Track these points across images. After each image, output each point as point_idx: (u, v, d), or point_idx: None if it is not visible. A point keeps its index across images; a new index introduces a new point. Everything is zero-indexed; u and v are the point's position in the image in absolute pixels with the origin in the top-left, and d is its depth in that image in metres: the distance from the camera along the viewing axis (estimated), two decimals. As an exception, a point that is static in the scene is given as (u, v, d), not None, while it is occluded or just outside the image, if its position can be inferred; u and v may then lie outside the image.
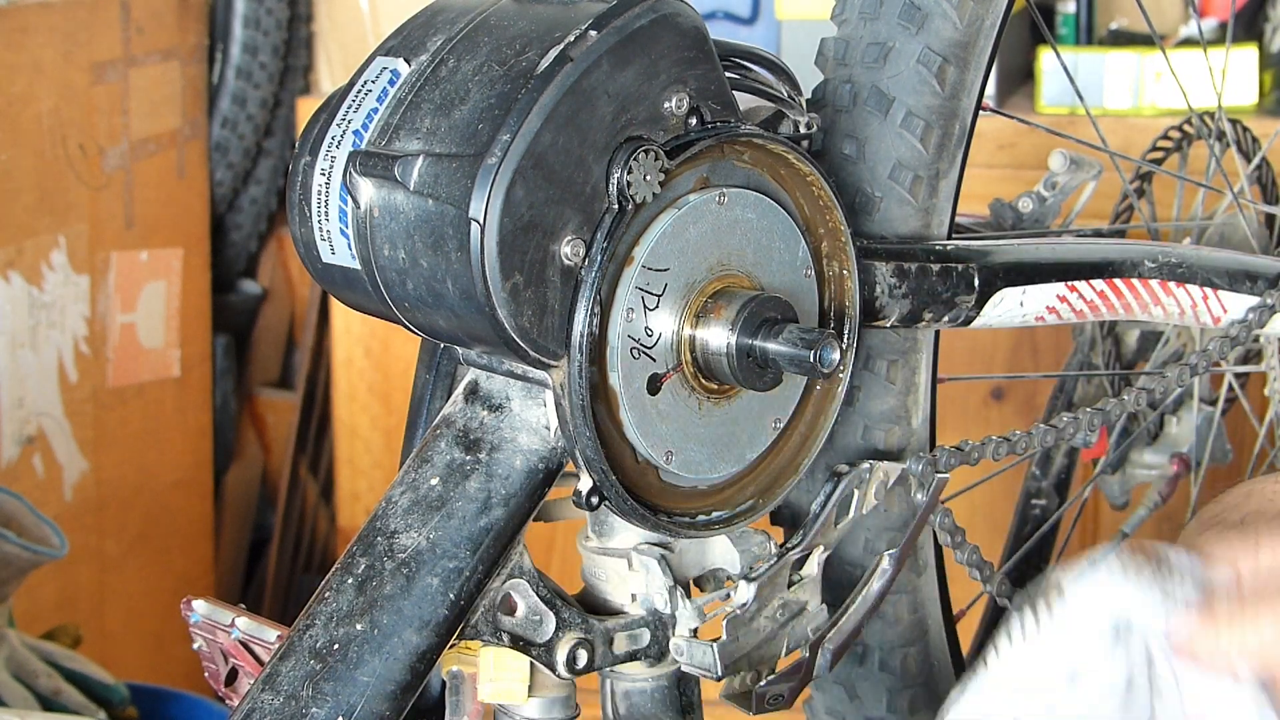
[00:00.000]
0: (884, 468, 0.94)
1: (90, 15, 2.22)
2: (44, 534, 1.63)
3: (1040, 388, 2.09)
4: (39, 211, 2.16)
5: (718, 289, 0.84)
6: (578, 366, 0.79)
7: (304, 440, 2.67)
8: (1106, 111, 2.11)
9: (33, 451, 2.18)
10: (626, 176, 0.78)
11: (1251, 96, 2.12)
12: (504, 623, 0.83)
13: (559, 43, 0.78)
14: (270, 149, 2.60)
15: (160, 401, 2.41)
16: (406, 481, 0.82)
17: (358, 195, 0.80)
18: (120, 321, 2.33)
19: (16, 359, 2.13)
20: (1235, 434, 1.47)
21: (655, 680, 0.91)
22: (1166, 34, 2.26)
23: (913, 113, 0.95)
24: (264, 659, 0.84)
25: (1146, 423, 1.39)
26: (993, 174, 2.04)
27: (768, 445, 0.89)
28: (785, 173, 0.87)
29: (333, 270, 0.84)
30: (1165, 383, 1.09)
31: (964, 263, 0.96)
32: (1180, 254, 1.08)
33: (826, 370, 0.83)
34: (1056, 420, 1.03)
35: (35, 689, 1.62)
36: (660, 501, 0.85)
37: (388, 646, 0.77)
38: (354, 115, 0.83)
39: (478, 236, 0.75)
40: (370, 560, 0.80)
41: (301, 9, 2.62)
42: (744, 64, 0.88)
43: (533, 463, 0.82)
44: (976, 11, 0.96)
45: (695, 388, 0.84)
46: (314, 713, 0.76)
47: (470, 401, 0.84)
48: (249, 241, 2.62)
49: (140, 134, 2.33)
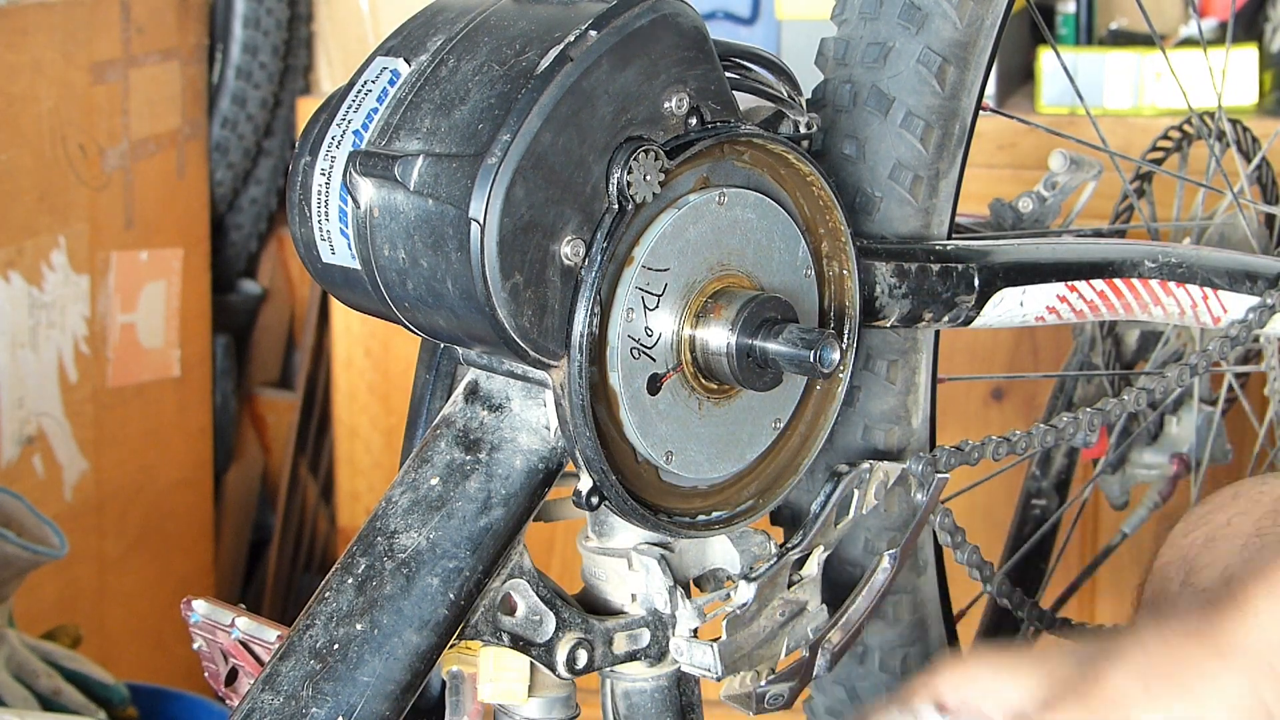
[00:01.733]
0: (884, 468, 0.94)
1: (90, 15, 2.21)
2: (44, 534, 1.63)
3: (1040, 388, 2.09)
4: (39, 211, 2.16)
5: (718, 289, 0.84)
6: (578, 366, 0.79)
7: (304, 440, 2.67)
8: (1106, 111, 2.11)
9: (33, 451, 2.17)
10: (626, 176, 0.78)
11: (1251, 96, 2.12)
12: (504, 623, 0.83)
13: (559, 43, 0.78)
14: (270, 149, 2.60)
15: (160, 401, 2.41)
16: (406, 481, 0.82)
17: (358, 195, 0.80)
18: (120, 321, 2.32)
19: (16, 359, 2.13)
20: (1235, 434, 1.46)
21: (655, 680, 0.91)
22: (1166, 34, 2.26)
23: (913, 113, 0.96)
24: (264, 659, 0.84)
25: (1146, 423, 1.39)
26: (993, 174, 2.03)
27: (768, 445, 0.89)
28: (785, 173, 0.87)
29: (333, 270, 0.84)
30: (1165, 383, 1.09)
31: (964, 263, 0.96)
32: (1180, 254, 1.08)
33: (826, 370, 0.83)
34: (1056, 420, 1.03)
35: (35, 689, 1.62)
36: (660, 501, 0.85)
37: (388, 646, 0.77)
38: (354, 115, 0.83)
39: (478, 236, 0.75)
40: (370, 560, 0.80)
41: (301, 9, 2.61)
42: (744, 64, 0.88)
43: (533, 463, 0.82)
44: (976, 11, 0.96)
45: (695, 388, 0.84)
46: (314, 713, 0.76)
47: (470, 401, 0.84)
48: (249, 241, 2.62)
49: (140, 134, 2.32)
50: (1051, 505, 1.42)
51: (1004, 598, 1.08)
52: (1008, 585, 1.08)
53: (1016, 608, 1.10)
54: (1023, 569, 1.39)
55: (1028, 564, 1.40)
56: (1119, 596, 2.10)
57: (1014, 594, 1.09)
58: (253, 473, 2.73)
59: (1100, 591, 2.10)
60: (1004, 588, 1.07)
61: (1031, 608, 1.13)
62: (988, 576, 1.05)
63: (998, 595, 1.07)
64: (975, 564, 1.04)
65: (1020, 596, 1.10)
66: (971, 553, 1.03)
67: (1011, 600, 1.09)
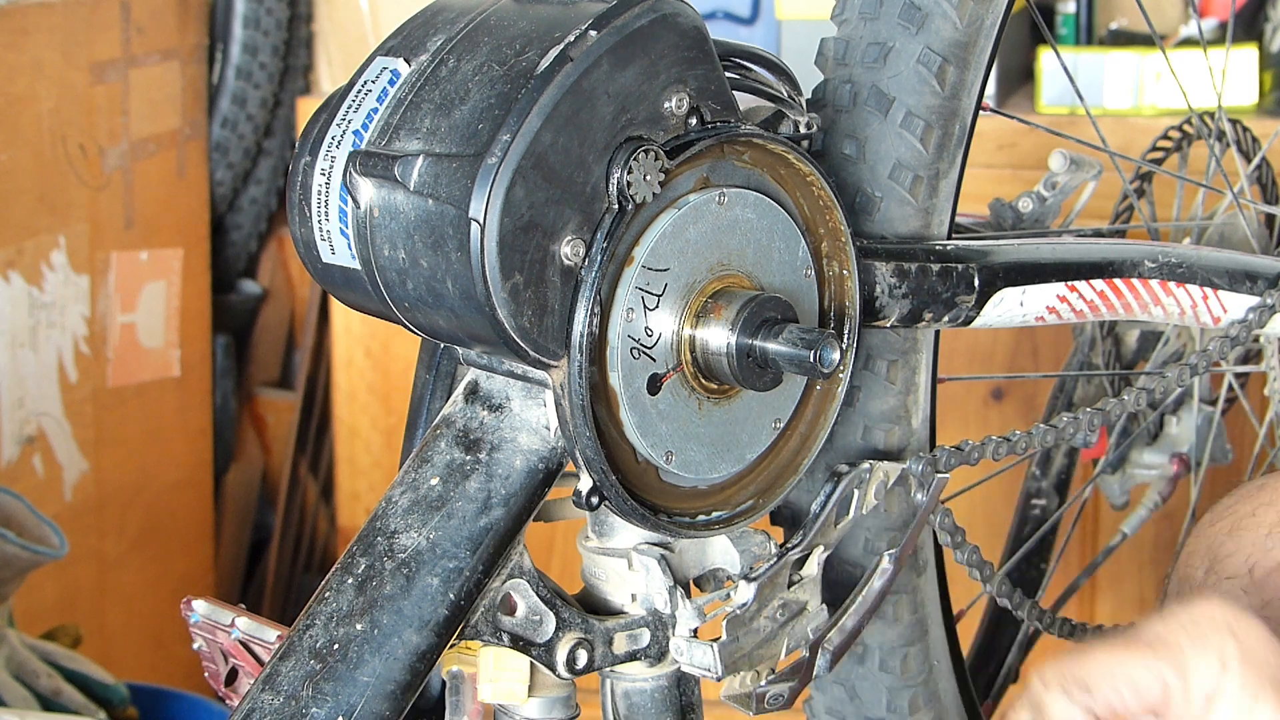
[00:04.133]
0: (884, 468, 0.94)
1: (90, 15, 2.21)
2: (44, 534, 1.63)
3: (1040, 388, 2.09)
4: (39, 211, 2.16)
5: (718, 289, 0.84)
6: (578, 366, 0.79)
7: (304, 440, 2.67)
8: (1106, 111, 2.11)
9: (33, 451, 2.17)
10: (626, 176, 0.78)
11: (1251, 96, 2.12)
12: (504, 623, 0.83)
13: (559, 43, 0.78)
14: (270, 149, 2.60)
15: (160, 401, 2.41)
16: (406, 481, 0.82)
17: (358, 195, 0.80)
18: (120, 321, 2.32)
19: (16, 359, 2.13)
20: (1235, 434, 1.47)
21: (655, 680, 0.91)
22: (1166, 34, 2.26)
23: (913, 113, 0.95)
24: (264, 659, 0.84)
25: (1146, 423, 1.39)
26: (993, 174, 2.04)
27: (768, 445, 0.89)
28: (785, 173, 0.87)
29: (333, 270, 0.84)
30: (1165, 383, 1.09)
31: (964, 263, 0.96)
32: (1180, 254, 1.08)
33: (826, 370, 0.83)
34: (1056, 420, 1.03)
35: (35, 689, 1.62)
36: (660, 501, 0.85)
37: (388, 646, 0.77)
38: (354, 115, 0.83)
39: (478, 236, 0.75)
40: (370, 560, 0.80)
41: (301, 9, 2.61)
42: (744, 64, 0.88)
43: (533, 463, 0.82)
44: (976, 11, 0.96)
45: (695, 388, 0.84)
46: (314, 713, 0.76)
47: (470, 401, 0.84)
48: (249, 241, 2.62)
49: (140, 134, 2.32)
50: (1051, 505, 1.42)
51: (1004, 598, 1.08)
52: (1008, 585, 1.08)
53: (1016, 608, 1.10)
54: (1023, 569, 1.39)
55: (1028, 564, 1.40)
56: (1119, 596, 2.10)
57: (1014, 594, 1.09)
58: (253, 473, 2.73)
59: (1100, 591, 2.10)
60: (1004, 588, 1.07)
61: (1031, 608, 1.13)
62: (988, 576, 1.05)
63: (998, 595, 1.07)
64: (975, 564, 1.04)
65: (1020, 596, 1.10)
66: (971, 553, 1.03)
67: (1011, 600, 1.09)
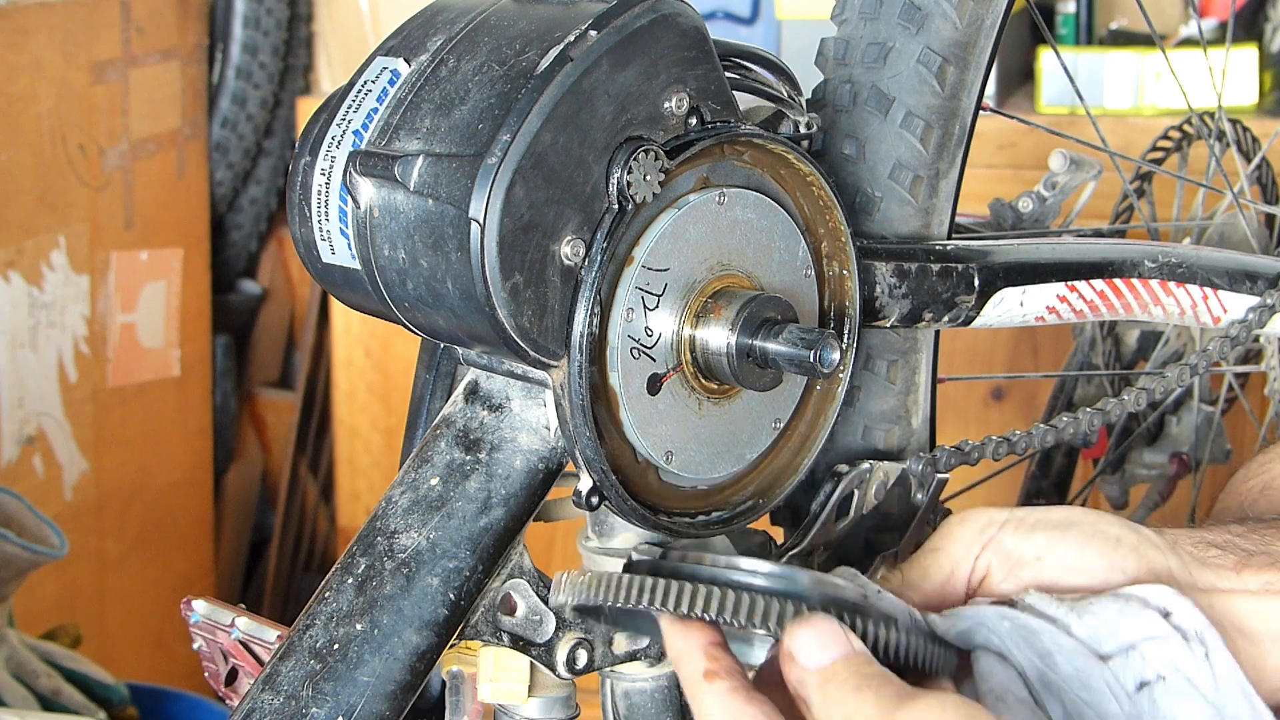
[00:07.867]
0: (884, 468, 0.94)
1: (90, 15, 2.22)
2: (44, 534, 1.63)
3: (1040, 388, 2.09)
4: (39, 211, 2.16)
5: (718, 289, 0.84)
6: (578, 366, 0.79)
7: (304, 440, 2.67)
8: (1106, 111, 2.11)
9: (33, 451, 2.18)
10: (626, 176, 0.78)
11: (1251, 96, 2.12)
12: (504, 623, 0.83)
13: (559, 43, 0.78)
14: (270, 149, 2.60)
15: (160, 401, 2.41)
16: (406, 481, 0.82)
17: (358, 195, 0.80)
18: (120, 321, 2.33)
19: (16, 359, 2.13)
20: (1235, 434, 1.47)
21: (655, 680, 0.91)
22: (1166, 34, 2.26)
23: (913, 113, 0.95)
24: (264, 659, 0.84)
25: (1146, 423, 1.39)
26: (993, 174, 2.04)
27: (768, 445, 0.89)
28: (785, 173, 0.87)
29: (333, 270, 0.84)
30: (1165, 383, 1.09)
31: (964, 263, 0.96)
32: (1180, 254, 1.08)
33: (826, 370, 0.83)
34: (1056, 420, 1.03)
35: (35, 689, 1.62)
36: (660, 501, 0.85)
37: (388, 646, 0.77)
38: (354, 115, 0.83)
39: (478, 236, 0.75)
40: (370, 560, 0.80)
41: (301, 9, 2.62)
42: (744, 64, 0.88)
43: (533, 463, 0.82)
44: (976, 11, 0.96)
45: (695, 388, 0.84)
46: (314, 713, 0.76)
47: (470, 401, 0.84)
48: (249, 241, 2.63)
49: (140, 134, 2.33)
50: (1051, 505, 1.42)
51: (1004, 598, 1.08)
52: (1008, 585, 1.08)
53: (1016, 608, 1.10)
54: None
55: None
56: (1119, 596, 2.09)
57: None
58: (253, 473, 2.73)
59: (1100, 591, 2.10)
60: (1004, 588, 1.07)
61: (1031, 608, 1.12)
62: (988, 576, 1.05)
63: (998, 595, 1.07)
64: (975, 564, 1.04)
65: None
66: (971, 553, 1.03)
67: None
